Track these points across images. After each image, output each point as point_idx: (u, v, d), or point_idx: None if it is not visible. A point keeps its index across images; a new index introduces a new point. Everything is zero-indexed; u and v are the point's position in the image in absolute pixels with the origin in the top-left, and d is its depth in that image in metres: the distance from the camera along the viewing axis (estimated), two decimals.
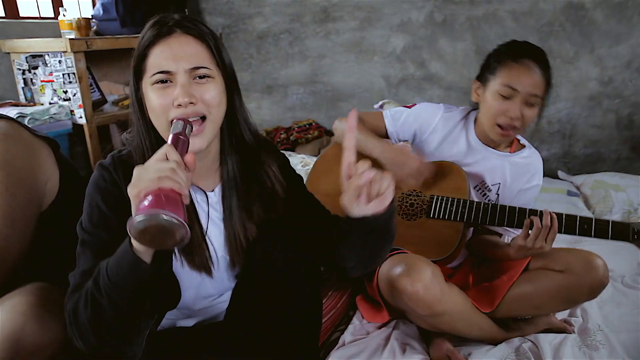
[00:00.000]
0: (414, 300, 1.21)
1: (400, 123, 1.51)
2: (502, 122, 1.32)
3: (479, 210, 1.33)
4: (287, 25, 3.10)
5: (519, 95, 1.29)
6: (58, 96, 2.38)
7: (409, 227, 1.43)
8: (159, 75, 0.86)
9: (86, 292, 0.81)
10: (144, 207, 0.69)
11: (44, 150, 1.18)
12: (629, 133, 2.54)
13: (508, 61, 1.31)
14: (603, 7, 2.43)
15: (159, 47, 0.87)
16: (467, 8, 2.67)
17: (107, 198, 0.89)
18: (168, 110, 0.86)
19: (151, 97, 0.87)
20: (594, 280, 1.26)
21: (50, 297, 1.10)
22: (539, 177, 1.46)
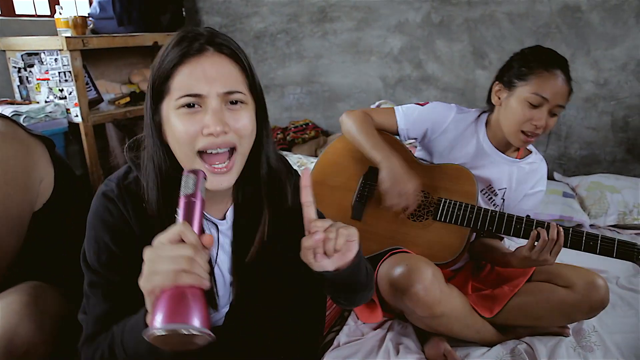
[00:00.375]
0: (413, 301, 1.21)
1: (412, 121, 1.49)
2: (527, 129, 1.31)
3: (486, 217, 1.33)
4: (285, 25, 3.10)
5: (547, 104, 1.29)
6: (54, 94, 2.37)
7: (414, 228, 1.42)
8: (186, 99, 0.76)
9: (102, 356, 0.77)
10: (162, 315, 0.60)
11: (38, 149, 1.17)
12: (624, 135, 2.55)
13: (540, 69, 1.29)
14: (599, 9, 2.44)
15: (187, 66, 0.76)
16: (464, 9, 2.68)
17: (115, 236, 0.80)
18: (195, 139, 0.77)
19: (175, 123, 0.77)
20: (595, 301, 1.27)
21: (44, 296, 1.09)
22: (544, 182, 1.46)
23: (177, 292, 0.61)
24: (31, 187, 1.12)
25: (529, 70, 1.31)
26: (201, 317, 0.61)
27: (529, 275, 1.36)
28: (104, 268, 0.81)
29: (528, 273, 1.36)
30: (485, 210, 1.34)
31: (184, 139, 0.77)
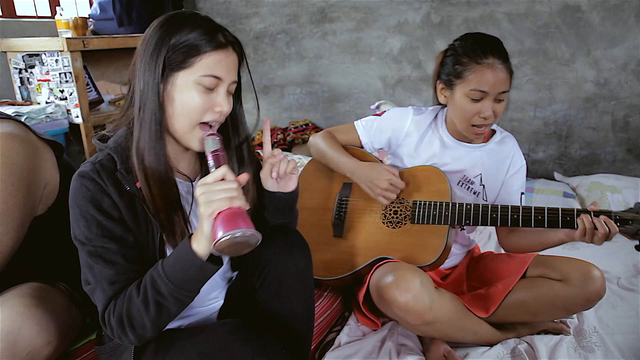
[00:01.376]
0: (403, 311, 1.21)
1: (373, 132, 1.52)
2: (476, 122, 1.33)
3: (462, 212, 1.34)
4: (284, 25, 3.10)
5: (489, 96, 1.29)
6: (54, 95, 2.38)
7: (394, 235, 1.43)
8: (211, 79, 0.90)
9: (145, 299, 0.87)
10: (227, 226, 0.79)
11: (47, 153, 1.19)
12: (624, 135, 2.55)
13: (472, 64, 1.29)
14: (599, 9, 2.44)
15: (217, 53, 0.90)
16: (463, 9, 2.68)
17: (99, 207, 0.90)
18: (205, 112, 0.92)
19: (192, 95, 0.90)
20: (591, 292, 1.27)
21: (48, 297, 1.10)
22: (520, 157, 1.46)
23: (230, 212, 0.81)
24: (35, 190, 1.13)
25: (462, 67, 1.30)
26: (251, 224, 0.82)
27: (523, 271, 1.36)
28: (97, 238, 0.90)
29: (522, 269, 1.36)
30: (460, 205, 1.34)
31: (198, 110, 0.91)
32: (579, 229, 1.21)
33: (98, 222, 0.89)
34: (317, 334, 1.41)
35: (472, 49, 1.30)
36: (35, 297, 1.04)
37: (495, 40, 1.33)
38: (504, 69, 1.29)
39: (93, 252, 0.90)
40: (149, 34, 0.92)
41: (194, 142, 0.94)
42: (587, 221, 1.20)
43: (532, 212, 1.27)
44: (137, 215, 0.93)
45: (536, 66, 2.62)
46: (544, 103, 2.66)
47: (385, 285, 1.23)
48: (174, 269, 0.86)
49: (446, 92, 1.39)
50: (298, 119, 3.23)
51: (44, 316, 1.02)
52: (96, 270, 0.90)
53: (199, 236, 0.85)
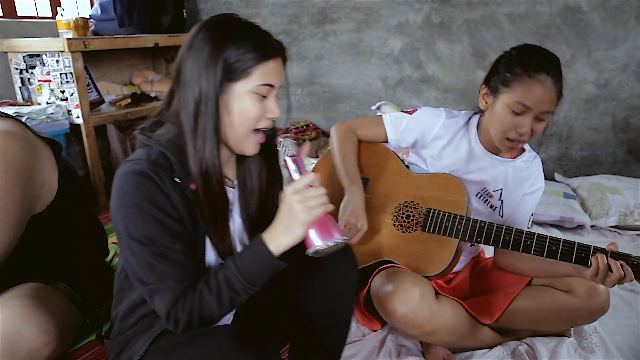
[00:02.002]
0: (402, 323, 1.21)
1: (401, 130, 1.47)
2: (512, 136, 1.27)
3: (475, 228, 1.29)
4: (285, 26, 3.11)
5: (531, 112, 1.23)
6: (55, 96, 2.38)
7: (403, 239, 1.40)
8: (266, 87, 0.92)
9: (219, 297, 0.90)
10: (325, 234, 0.87)
11: (45, 152, 1.18)
12: (625, 136, 2.55)
13: (523, 76, 1.23)
14: (600, 10, 2.44)
15: (271, 62, 0.93)
16: (464, 10, 2.68)
17: (160, 206, 0.89)
18: (259, 119, 0.94)
19: (249, 103, 0.92)
20: (595, 306, 1.25)
21: (47, 297, 1.10)
22: (541, 179, 1.43)
23: (322, 220, 0.88)
24: (32, 189, 1.13)
25: (512, 77, 1.24)
26: (341, 230, 0.89)
27: (528, 280, 1.35)
28: (159, 237, 0.89)
29: (526, 278, 1.35)
30: (474, 221, 1.30)
31: (255, 118, 0.93)
32: (592, 269, 1.15)
33: (159, 222, 0.89)
34: None
35: (527, 60, 1.24)
36: (35, 298, 1.04)
37: (554, 57, 1.27)
38: (553, 89, 1.23)
39: (155, 251, 0.89)
40: (198, 43, 0.92)
41: (249, 147, 0.96)
42: (602, 262, 1.13)
43: (547, 242, 1.22)
44: (190, 216, 0.94)
45: None
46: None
47: (385, 295, 1.23)
48: (249, 268, 0.90)
49: (489, 99, 1.32)
50: (299, 119, 3.23)
51: (44, 316, 1.02)
52: (159, 270, 0.90)
53: (278, 237, 0.89)
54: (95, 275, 1.39)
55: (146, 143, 0.94)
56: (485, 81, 1.34)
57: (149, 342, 0.98)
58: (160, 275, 0.90)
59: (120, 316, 1.03)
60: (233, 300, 0.91)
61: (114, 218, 0.91)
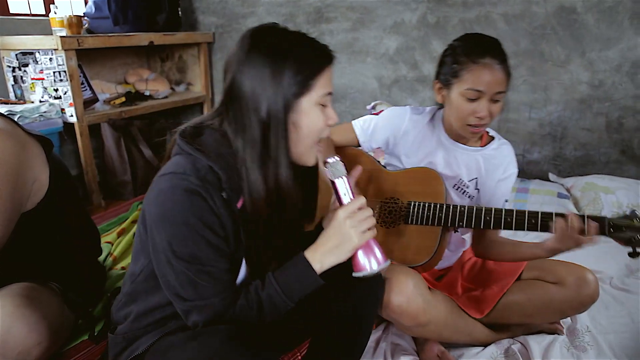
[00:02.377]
0: (397, 313, 1.22)
1: (371, 132, 1.52)
2: (472, 122, 1.32)
3: (455, 213, 1.33)
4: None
5: (484, 95, 1.28)
6: (49, 94, 2.37)
7: (388, 235, 1.42)
8: (328, 97, 0.94)
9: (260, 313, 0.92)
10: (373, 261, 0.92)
11: (35, 149, 1.18)
12: (618, 136, 2.56)
13: (469, 64, 1.28)
14: (594, 11, 2.45)
15: (327, 69, 0.94)
16: (459, 10, 2.69)
17: (210, 227, 0.87)
18: (323, 129, 0.95)
19: (316, 115, 0.92)
20: (585, 296, 1.28)
21: (38, 297, 1.09)
22: (514, 165, 1.45)
23: (370, 244, 0.93)
24: (23, 186, 1.12)
25: (459, 66, 1.29)
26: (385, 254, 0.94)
27: (518, 274, 1.36)
28: (208, 258, 0.88)
29: (517, 271, 1.37)
30: (454, 207, 1.34)
31: (319, 128, 0.94)
32: (557, 232, 1.17)
33: (207, 241, 0.87)
34: None
35: (470, 48, 1.30)
36: (26, 297, 1.03)
37: (494, 41, 1.32)
38: (501, 70, 1.28)
39: (201, 270, 0.88)
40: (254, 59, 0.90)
41: (311, 158, 0.97)
42: (559, 221, 1.17)
43: (526, 216, 1.25)
44: (234, 233, 0.92)
45: (532, 67, 2.63)
46: (539, 104, 2.67)
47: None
48: (292, 286, 0.92)
49: (443, 92, 1.38)
50: None
51: (34, 316, 1.02)
52: (201, 288, 0.89)
53: (324, 256, 0.92)
54: (87, 274, 1.38)
55: (190, 152, 0.89)
56: (436, 76, 1.40)
57: (154, 340, 0.97)
58: (203, 293, 0.89)
59: (134, 317, 1.01)
60: (273, 315, 0.92)
61: (153, 231, 0.88)
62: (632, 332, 1.44)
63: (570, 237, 1.16)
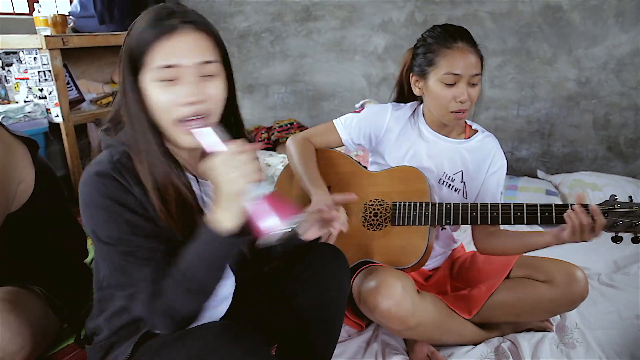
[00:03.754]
0: (385, 317, 1.21)
1: (353, 129, 1.51)
2: (453, 108, 1.33)
3: (442, 211, 1.33)
4: (268, 24, 3.08)
5: (462, 79, 1.30)
6: (33, 94, 2.33)
7: (375, 238, 1.41)
8: (166, 71, 0.83)
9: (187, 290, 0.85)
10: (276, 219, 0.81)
11: (20, 150, 1.16)
12: (605, 133, 2.59)
13: (442, 49, 1.31)
14: (580, 9, 2.47)
15: (164, 40, 0.83)
16: (447, 8, 2.69)
17: (127, 206, 0.86)
18: (174, 109, 0.85)
19: (154, 94, 0.85)
20: (575, 294, 1.28)
21: (22, 301, 1.07)
22: (501, 156, 1.46)
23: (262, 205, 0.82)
24: (8, 187, 1.11)
25: (433, 55, 1.33)
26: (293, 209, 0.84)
27: (507, 273, 1.36)
28: (130, 237, 0.85)
29: (506, 270, 1.37)
30: (439, 205, 1.34)
31: (164, 108, 0.85)
32: (569, 226, 1.16)
33: (127, 221, 0.85)
34: None
35: (440, 36, 1.34)
36: (9, 302, 1.02)
37: (462, 28, 1.36)
38: (474, 52, 1.31)
39: (127, 252, 0.86)
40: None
41: (181, 139, 0.89)
42: (574, 216, 1.15)
43: (512, 209, 1.26)
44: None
45: (519, 65, 2.64)
46: (527, 101, 2.69)
47: (367, 291, 1.23)
48: (203, 254, 0.85)
49: (420, 83, 1.40)
50: (283, 118, 3.22)
51: (18, 321, 1.00)
52: (130, 271, 0.87)
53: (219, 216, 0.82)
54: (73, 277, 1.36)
55: (110, 144, 0.91)
56: (410, 70, 1.44)
57: (133, 344, 0.95)
58: (133, 276, 0.86)
59: (104, 323, 0.99)
60: (202, 290, 0.87)
61: (84, 224, 0.88)
62: (620, 329, 1.45)
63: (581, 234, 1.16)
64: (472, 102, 1.34)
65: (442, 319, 1.30)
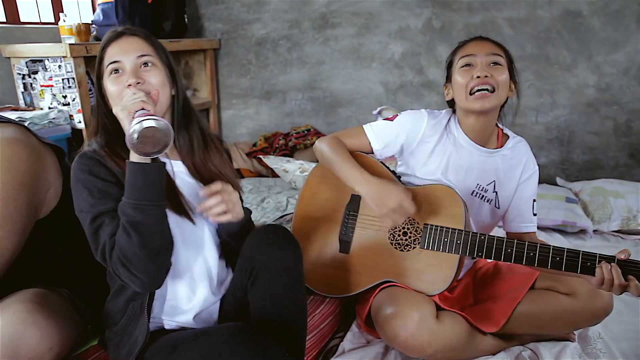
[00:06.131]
0: (402, 347, 1.21)
1: (386, 138, 1.43)
2: (473, 85, 1.29)
3: (475, 242, 1.26)
4: (286, 31, 3.11)
5: (478, 58, 1.31)
6: (57, 101, 2.38)
7: (402, 259, 1.36)
8: (112, 65, 1.05)
9: (124, 229, 0.95)
10: (139, 120, 0.92)
11: (49, 157, 1.19)
12: (627, 140, 2.55)
13: (460, 48, 1.38)
14: (600, 14, 2.45)
15: (111, 46, 1.07)
16: (464, 15, 2.69)
17: (99, 175, 1.01)
18: (121, 94, 1.03)
19: (108, 87, 1.06)
20: (598, 308, 1.25)
21: (49, 303, 1.09)
22: (533, 162, 1.42)
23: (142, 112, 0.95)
24: (38, 194, 1.13)
25: (453, 56, 1.39)
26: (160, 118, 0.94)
27: (530, 284, 1.34)
28: (100, 201, 1.00)
29: (530, 282, 1.34)
30: (473, 235, 1.28)
31: (115, 95, 1.04)
32: (597, 278, 1.13)
33: (99, 189, 1.00)
34: (319, 340, 1.40)
35: (461, 42, 1.40)
36: (37, 303, 1.04)
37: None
38: (489, 41, 1.34)
39: (96, 214, 0.99)
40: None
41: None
42: (607, 272, 1.11)
43: (550, 253, 1.20)
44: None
45: (538, 71, 2.62)
46: (546, 108, 2.66)
47: (384, 318, 1.23)
48: (127, 187, 0.97)
49: (449, 88, 1.41)
50: (300, 124, 3.23)
51: (46, 322, 1.02)
52: (102, 231, 0.99)
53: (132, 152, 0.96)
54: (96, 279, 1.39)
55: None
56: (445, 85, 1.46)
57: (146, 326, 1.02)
58: (103, 237, 0.99)
59: (110, 305, 1.12)
60: (134, 225, 0.95)
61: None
62: None
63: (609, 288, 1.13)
64: (499, 84, 1.29)
65: (462, 342, 1.28)
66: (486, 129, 1.38)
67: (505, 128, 1.46)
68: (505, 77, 1.31)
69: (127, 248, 0.95)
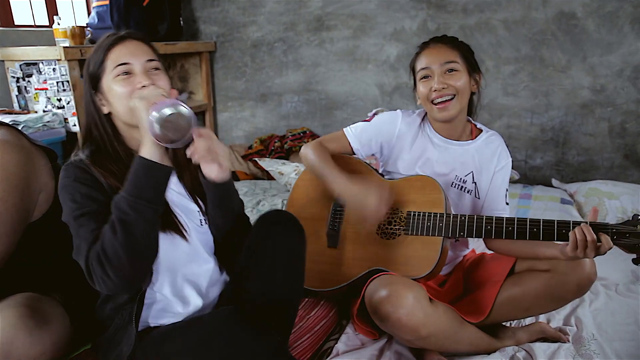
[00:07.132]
0: (397, 327, 1.21)
1: (364, 138, 1.51)
2: (434, 98, 1.38)
3: (456, 223, 1.32)
4: (281, 33, 3.12)
5: (434, 70, 1.37)
6: (52, 104, 2.38)
7: (388, 246, 1.41)
8: (121, 67, 1.05)
9: (112, 224, 0.93)
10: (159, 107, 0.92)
11: (41, 160, 1.19)
12: (621, 141, 2.56)
13: (419, 53, 1.44)
14: (594, 16, 2.46)
15: (118, 48, 1.06)
16: (459, 17, 2.70)
17: (84, 182, 1.01)
18: (130, 95, 1.03)
19: (115, 88, 1.05)
20: (580, 277, 1.26)
21: (41, 307, 1.09)
22: (507, 155, 1.48)
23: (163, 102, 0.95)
24: (29, 196, 1.13)
25: (413, 63, 1.48)
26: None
27: (509, 268, 1.36)
28: (82, 202, 0.99)
29: (509, 266, 1.37)
30: (454, 217, 1.33)
31: (124, 96, 1.03)
32: (571, 242, 1.17)
33: (82, 193, 1.00)
34: (313, 342, 1.40)
35: (417, 49, 1.47)
36: (29, 307, 1.03)
37: (444, 35, 1.45)
38: (445, 46, 1.40)
39: (78, 215, 0.98)
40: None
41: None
42: (579, 232, 1.16)
43: (528, 225, 1.25)
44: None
45: (532, 73, 2.63)
46: (541, 109, 2.67)
47: (379, 300, 1.23)
48: (128, 183, 0.95)
49: (416, 93, 1.47)
50: (295, 126, 3.23)
51: (38, 327, 1.01)
52: (82, 231, 0.97)
53: (143, 141, 0.96)
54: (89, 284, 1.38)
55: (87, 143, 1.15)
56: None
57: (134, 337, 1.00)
58: (83, 234, 0.97)
59: (98, 311, 1.11)
60: (124, 222, 0.92)
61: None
62: (639, 340, 1.42)
63: (583, 250, 1.16)
64: (457, 90, 1.37)
65: (455, 329, 1.30)
66: (457, 126, 1.46)
67: (479, 124, 1.52)
68: (464, 81, 1.38)
69: (109, 245, 0.92)
